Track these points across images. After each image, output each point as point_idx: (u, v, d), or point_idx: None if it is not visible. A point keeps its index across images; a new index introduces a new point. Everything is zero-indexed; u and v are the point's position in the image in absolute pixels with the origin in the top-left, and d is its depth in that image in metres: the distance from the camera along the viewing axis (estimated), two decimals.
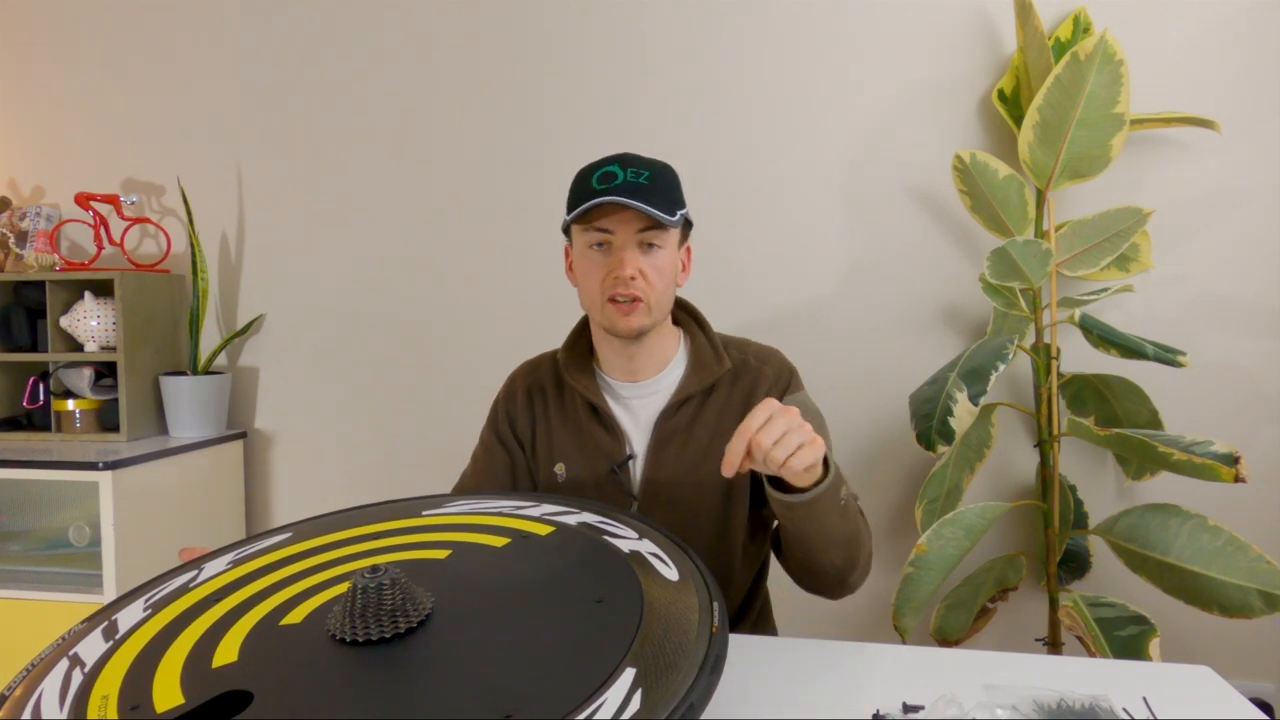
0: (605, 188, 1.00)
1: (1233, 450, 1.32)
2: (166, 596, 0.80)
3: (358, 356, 2.24)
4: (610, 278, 1.03)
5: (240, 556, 0.88)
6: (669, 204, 1.02)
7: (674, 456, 1.10)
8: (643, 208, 0.99)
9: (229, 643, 0.70)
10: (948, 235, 1.93)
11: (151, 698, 0.62)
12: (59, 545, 2.02)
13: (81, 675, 0.67)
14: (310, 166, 2.24)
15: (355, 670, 0.64)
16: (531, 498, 0.97)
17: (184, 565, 0.88)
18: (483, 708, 0.58)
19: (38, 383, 2.22)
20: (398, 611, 0.69)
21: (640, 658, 0.62)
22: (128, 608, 0.79)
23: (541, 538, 0.85)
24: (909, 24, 1.91)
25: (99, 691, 0.64)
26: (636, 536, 0.85)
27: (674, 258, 1.07)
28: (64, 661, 0.70)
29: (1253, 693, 1.82)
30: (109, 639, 0.73)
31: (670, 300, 1.09)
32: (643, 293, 1.03)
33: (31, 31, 2.38)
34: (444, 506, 0.98)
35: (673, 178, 1.07)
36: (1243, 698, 0.80)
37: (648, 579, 0.74)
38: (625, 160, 1.04)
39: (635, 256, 1.03)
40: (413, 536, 0.89)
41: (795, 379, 1.14)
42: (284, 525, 0.98)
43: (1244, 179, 1.80)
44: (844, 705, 0.77)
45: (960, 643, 1.80)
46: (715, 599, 0.72)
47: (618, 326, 1.06)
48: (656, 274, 1.04)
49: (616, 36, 2.05)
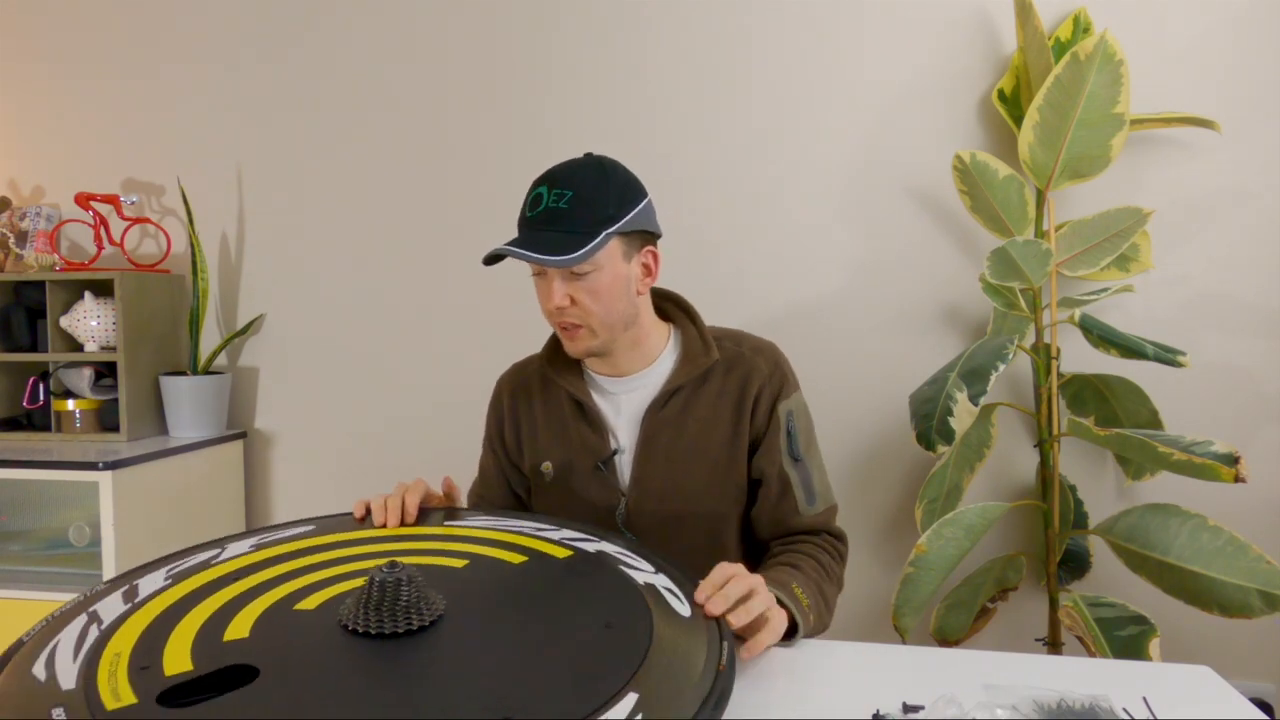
0: (533, 214, 1.01)
1: (1233, 450, 1.32)
2: (188, 569, 0.83)
3: (358, 356, 2.24)
4: (546, 304, 1.04)
5: (263, 541, 0.90)
6: (591, 226, 0.98)
7: (664, 449, 1.09)
8: (532, 257, 0.96)
9: (242, 619, 0.71)
10: (948, 235, 1.93)
11: (162, 661, 0.64)
12: (59, 545, 2.02)
13: (98, 631, 0.69)
14: (310, 166, 2.24)
15: (361, 660, 0.65)
16: (553, 522, 0.98)
17: (206, 543, 0.92)
18: (483, 710, 0.58)
19: (38, 383, 2.22)
20: (410, 609, 0.70)
21: (644, 685, 0.62)
22: (149, 575, 0.82)
23: (558, 560, 0.87)
24: (909, 24, 1.91)
25: (112, 649, 0.66)
26: (653, 570, 0.86)
27: (614, 275, 1.02)
28: (83, 617, 0.72)
29: (1253, 693, 1.82)
30: (128, 601, 0.75)
31: (621, 313, 1.04)
32: (579, 319, 1.03)
33: (31, 31, 2.38)
34: (465, 519, 1.00)
35: (602, 190, 1.00)
36: (1243, 698, 0.80)
37: (659, 611, 0.75)
38: (555, 178, 1.01)
39: (562, 287, 1.01)
40: (432, 544, 0.91)
41: (790, 380, 1.13)
42: (308, 518, 1.00)
43: (1244, 179, 1.80)
44: (844, 705, 0.77)
45: (960, 643, 1.80)
46: (725, 638, 0.73)
47: (566, 349, 1.08)
48: (591, 298, 1.01)
49: (617, 37, 2.05)
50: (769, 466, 1.09)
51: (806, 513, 1.10)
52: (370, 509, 0.99)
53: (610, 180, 1.02)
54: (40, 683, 0.62)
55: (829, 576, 1.05)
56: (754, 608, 0.82)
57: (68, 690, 0.60)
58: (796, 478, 1.10)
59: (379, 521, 0.97)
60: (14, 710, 0.58)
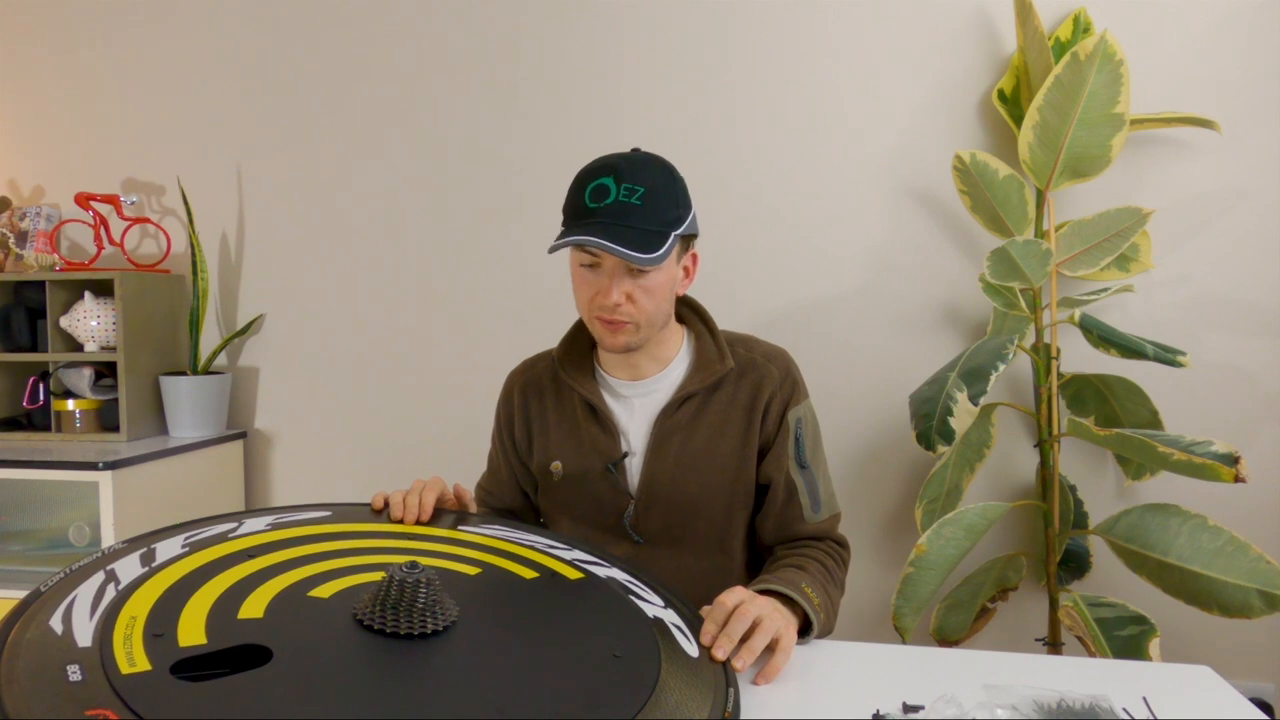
0: (596, 206, 0.97)
1: (1233, 450, 1.32)
2: (205, 540, 0.82)
3: (358, 356, 2.24)
4: (598, 298, 1.02)
5: (280, 521, 0.90)
6: (662, 226, 0.98)
7: (674, 455, 1.09)
8: (624, 253, 0.94)
9: (256, 599, 0.72)
10: (948, 235, 1.93)
11: (176, 630, 0.65)
12: (59, 545, 2.02)
13: (115, 592, 0.70)
14: (310, 166, 2.24)
15: (374, 657, 0.65)
16: (566, 540, 0.99)
17: (223, 515, 0.92)
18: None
19: (38, 383, 2.22)
20: (426, 612, 0.69)
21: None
22: (167, 540, 0.82)
23: (570, 581, 0.87)
24: (909, 24, 1.91)
25: (128, 611, 0.67)
26: (662, 604, 0.86)
27: (669, 274, 1.03)
28: (100, 574, 0.73)
29: (1253, 693, 1.82)
30: (145, 565, 0.75)
31: (665, 313, 1.06)
32: (630, 316, 1.02)
33: (31, 32, 2.38)
34: (479, 525, 1.00)
35: (671, 190, 1.01)
36: (1243, 698, 0.80)
37: (667, 648, 0.76)
38: (621, 172, 0.98)
39: (623, 282, 1.00)
40: (445, 546, 0.91)
41: (800, 387, 1.13)
42: (325, 503, 1.00)
43: (1244, 179, 1.80)
44: (844, 705, 0.77)
45: (960, 643, 1.80)
46: (731, 685, 0.74)
47: (604, 344, 1.06)
48: (647, 295, 1.01)
49: (617, 37, 2.05)
50: (776, 472, 1.10)
51: (811, 519, 1.10)
52: (389, 503, 1.00)
53: (676, 180, 1.03)
54: (57, 635, 0.62)
55: (833, 580, 1.05)
56: (757, 646, 0.83)
57: (84, 648, 0.60)
58: (803, 484, 1.10)
59: (396, 516, 0.97)
60: (30, 660, 0.58)
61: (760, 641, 0.83)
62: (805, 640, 0.93)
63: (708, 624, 0.84)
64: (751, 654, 0.82)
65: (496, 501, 1.25)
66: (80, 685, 0.56)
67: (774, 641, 0.85)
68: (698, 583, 1.08)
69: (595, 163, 1.02)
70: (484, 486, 1.26)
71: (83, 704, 0.54)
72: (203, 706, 0.56)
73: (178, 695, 0.57)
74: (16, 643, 0.61)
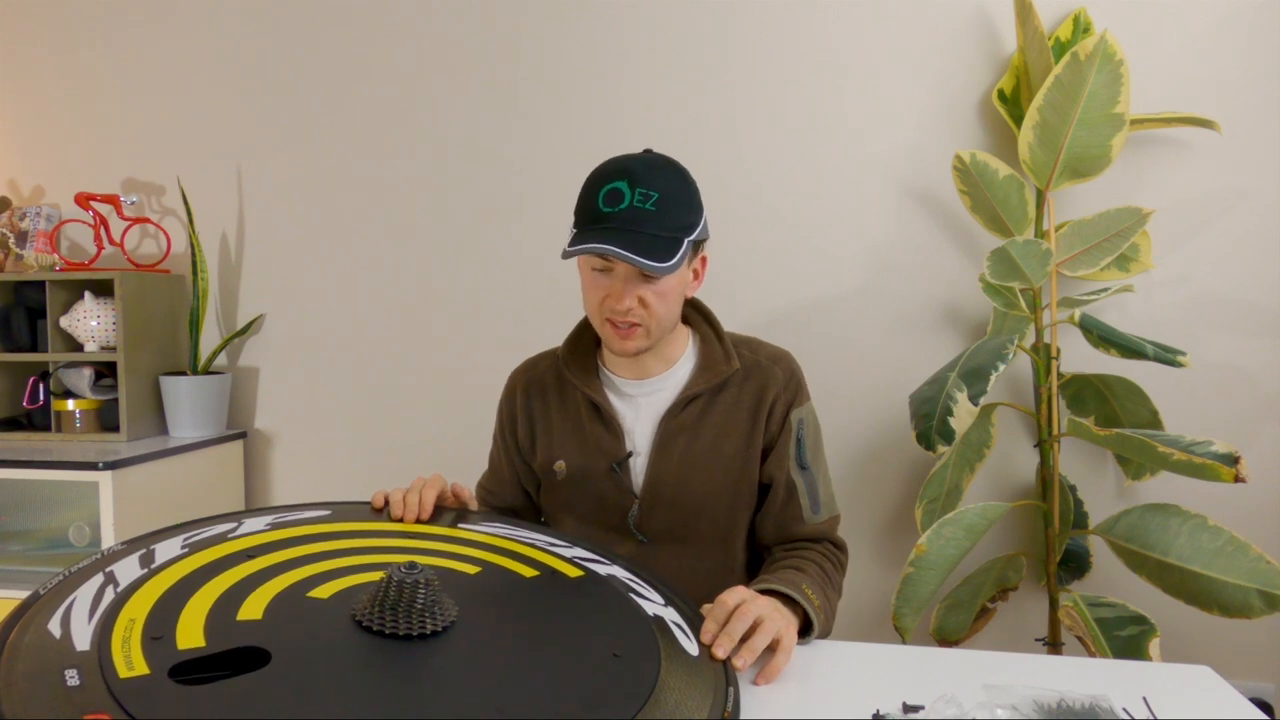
0: (610, 211, 0.96)
1: (1233, 450, 1.32)
2: (204, 540, 0.82)
3: (358, 357, 2.24)
4: (609, 302, 1.01)
5: (279, 521, 0.90)
6: (675, 232, 0.98)
7: (679, 455, 1.09)
8: (640, 262, 0.93)
9: (255, 600, 0.71)
10: (948, 235, 1.93)
11: (175, 632, 0.65)
12: (59, 545, 2.02)
13: (114, 594, 0.69)
14: (310, 166, 2.24)
15: (373, 658, 0.65)
16: (566, 538, 0.98)
17: (223, 515, 0.91)
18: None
19: (38, 383, 2.22)
20: (425, 613, 0.69)
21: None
22: (166, 541, 0.82)
23: (570, 579, 0.87)
24: (909, 24, 1.91)
25: (127, 614, 0.67)
26: (662, 603, 0.86)
27: (680, 279, 1.03)
28: (99, 576, 0.73)
29: (1253, 693, 1.82)
30: (144, 566, 0.75)
31: (675, 317, 1.06)
32: (641, 319, 1.01)
33: (31, 32, 2.38)
34: (479, 523, 1.00)
35: (684, 195, 1.00)
36: (1243, 698, 0.80)
37: (667, 647, 0.76)
38: (635, 176, 0.97)
39: (635, 287, 1.00)
40: (445, 545, 0.91)
41: (803, 389, 1.14)
42: (325, 502, 1.00)
43: (1244, 179, 1.80)
44: (844, 705, 0.77)
45: (960, 643, 1.80)
46: (731, 684, 0.74)
47: (613, 347, 1.05)
48: (658, 299, 1.01)
49: (617, 38, 2.05)
50: (777, 472, 1.10)
51: (810, 520, 1.10)
52: (389, 501, 1.00)
53: (689, 184, 1.02)
54: (55, 639, 0.62)
55: (831, 583, 1.05)
56: (758, 645, 0.83)
57: (82, 652, 0.60)
58: (803, 485, 1.10)
59: (396, 515, 0.97)
60: (29, 664, 0.58)
61: (761, 641, 0.83)
62: (805, 641, 0.93)
63: (708, 623, 0.84)
64: (752, 653, 0.82)
65: (498, 500, 1.25)
66: (78, 690, 0.56)
67: (774, 642, 0.85)
68: (700, 582, 1.08)
69: (609, 164, 1.01)
70: (485, 485, 1.26)
71: (80, 708, 0.54)
72: (200, 710, 0.56)
73: (175, 699, 0.57)
74: (15, 646, 0.61)
